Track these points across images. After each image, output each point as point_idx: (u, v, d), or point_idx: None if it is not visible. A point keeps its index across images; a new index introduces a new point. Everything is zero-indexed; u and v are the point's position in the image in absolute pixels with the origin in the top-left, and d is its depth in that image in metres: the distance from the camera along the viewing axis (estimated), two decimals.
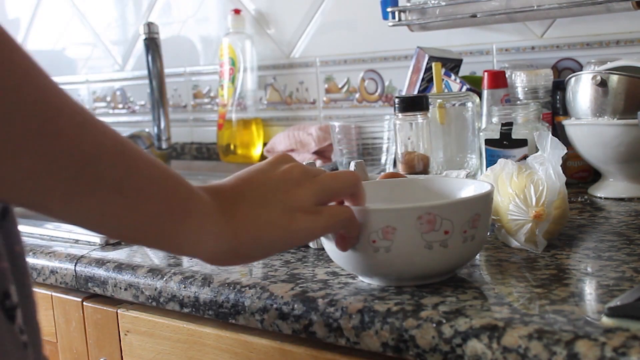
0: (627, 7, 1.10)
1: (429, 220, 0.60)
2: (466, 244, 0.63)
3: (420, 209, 0.61)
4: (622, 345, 0.48)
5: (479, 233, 0.64)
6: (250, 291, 0.68)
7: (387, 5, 1.33)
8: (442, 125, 1.07)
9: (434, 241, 0.61)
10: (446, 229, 0.61)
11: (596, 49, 1.23)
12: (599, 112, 0.98)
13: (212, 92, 1.81)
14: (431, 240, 0.61)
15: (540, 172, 0.74)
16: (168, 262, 0.80)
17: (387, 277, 0.65)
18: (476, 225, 0.63)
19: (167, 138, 1.59)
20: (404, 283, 0.65)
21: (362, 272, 0.66)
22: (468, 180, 0.73)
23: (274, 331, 0.66)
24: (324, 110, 1.61)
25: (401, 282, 0.65)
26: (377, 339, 0.59)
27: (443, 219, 0.61)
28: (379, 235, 0.61)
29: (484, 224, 0.64)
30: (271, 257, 0.78)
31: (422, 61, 1.26)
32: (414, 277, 0.64)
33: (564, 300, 0.58)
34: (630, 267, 0.65)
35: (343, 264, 0.66)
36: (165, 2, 1.83)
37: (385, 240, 0.61)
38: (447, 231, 0.61)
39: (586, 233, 0.81)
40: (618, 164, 0.98)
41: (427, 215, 0.60)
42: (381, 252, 0.62)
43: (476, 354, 0.53)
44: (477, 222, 0.63)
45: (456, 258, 0.63)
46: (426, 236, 0.61)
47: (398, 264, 0.62)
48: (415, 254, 0.62)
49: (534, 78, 1.13)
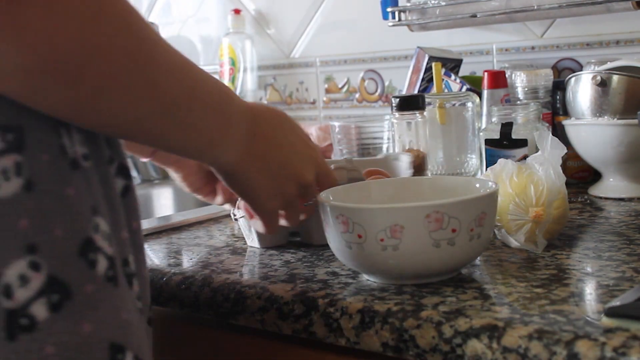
0: (627, 7, 1.10)
1: (436, 219, 0.61)
2: (473, 242, 0.63)
3: (428, 207, 0.61)
4: (622, 345, 0.48)
5: (485, 231, 0.64)
6: (250, 291, 0.68)
7: (387, 5, 1.33)
8: (442, 125, 1.08)
9: (442, 239, 0.61)
10: (453, 227, 0.61)
11: (596, 49, 1.23)
12: (599, 112, 0.98)
13: None
14: (439, 239, 0.61)
15: (540, 172, 0.74)
16: (168, 262, 0.80)
17: (394, 276, 0.65)
18: (482, 224, 0.63)
19: None
20: (411, 281, 0.65)
21: (368, 270, 0.66)
22: (473, 178, 0.73)
23: (274, 331, 0.66)
24: (324, 110, 1.61)
25: (408, 280, 0.65)
26: (377, 339, 0.59)
27: (450, 217, 0.61)
28: (387, 233, 0.61)
29: (489, 223, 0.64)
30: (271, 257, 0.78)
31: (422, 61, 1.26)
32: (421, 275, 0.64)
33: (564, 300, 0.58)
34: (630, 267, 0.65)
35: (348, 262, 0.66)
36: (165, 2, 1.83)
37: (393, 239, 0.61)
38: (454, 229, 0.61)
39: (586, 233, 0.81)
40: (618, 164, 0.98)
41: (435, 214, 0.61)
42: (389, 250, 0.62)
43: (476, 354, 0.53)
44: (483, 221, 0.63)
45: (463, 256, 0.64)
46: (434, 234, 0.61)
47: (406, 262, 0.63)
48: (423, 252, 0.62)
49: (534, 78, 1.13)
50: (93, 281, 0.49)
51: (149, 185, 1.55)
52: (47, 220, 0.47)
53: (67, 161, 0.49)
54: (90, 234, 0.50)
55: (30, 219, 0.47)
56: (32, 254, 0.46)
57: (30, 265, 0.46)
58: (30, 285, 0.46)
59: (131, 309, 0.53)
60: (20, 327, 0.45)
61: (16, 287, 0.46)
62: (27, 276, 0.46)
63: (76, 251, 0.48)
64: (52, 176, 0.48)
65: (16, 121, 0.47)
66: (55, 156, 0.49)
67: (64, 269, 0.48)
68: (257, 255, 0.80)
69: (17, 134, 0.47)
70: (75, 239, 0.49)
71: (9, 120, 0.47)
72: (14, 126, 0.47)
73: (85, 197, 0.50)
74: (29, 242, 0.46)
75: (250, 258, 0.80)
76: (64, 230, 0.48)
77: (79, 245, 0.49)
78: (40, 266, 0.47)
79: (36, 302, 0.46)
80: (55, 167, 0.48)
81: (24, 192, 0.47)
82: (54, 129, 0.49)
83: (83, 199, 0.50)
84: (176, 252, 0.86)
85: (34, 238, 0.47)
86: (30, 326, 0.46)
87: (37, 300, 0.46)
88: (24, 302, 0.46)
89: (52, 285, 0.47)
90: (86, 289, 0.49)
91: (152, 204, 1.53)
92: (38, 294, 0.46)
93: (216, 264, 0.78)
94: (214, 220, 1.00)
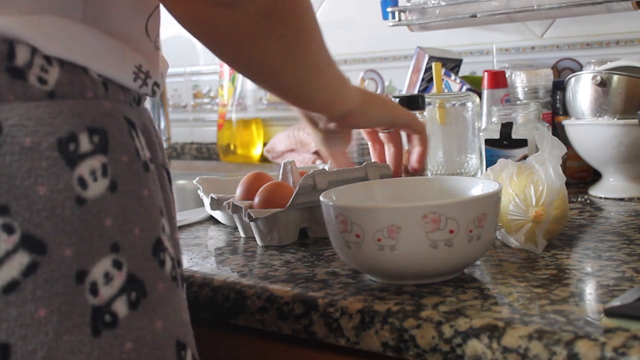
0: (627, 7, 1.10)
1: (433, 220, 0.60)
2: (472, 244, 0.63)
3: (425, 207, 0.61)
4: (622, 345, 0.48)
5: (486, 233, 0.64)
6: (250, 291, 0.68)
7: (387, 5, 1.33)
8: (442, 125, 1.07)
9: (439, 240, 0.61)
10: (451, 228, 0.61)
11: (596, 49, 1.23)
12: (599, 112, 0.98)
13: (212, 92, 1.81)
14: (436, 240, 0.61)
15: (540, 172, 0.74)
16: None
17: (392, 276, 0.65)
18: (482, 225, 0.63)
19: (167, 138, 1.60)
20: (410, 281, 0.65)
21: (367, 269, 0.66)
22: (477, 179, 0.73)
23: (274, 331, 0.66)
24: None
25: (407, 280, 0.65)
26: (377, 339, 0.59)
27: (448, 218, 0.61)
28: (384, 233, 0.61)
29: (490, 224, 0.64)
30: (271, 257, 0.78)
31: (422, 61, 1.26)
32: (419, 275, 0.64)
33: (564, 300, 0.58)
34: (630, 267, 0.65)
35: (348, 261, 0.67)
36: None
37: (390, 239, 0.61)
38: (452, 230, 0.61)
39: (586, 233, 0.81)
40: (618, 164, 0.98)
41: (432, 215, 0.60)
42: (386, 250, 0.62)
43: (476, 354, 0.53)
44: (483, 222, 0.63)
45: (462, 257, 0.63)
46: (431, 235, 0.61)
47: (403, 263, 0.62)
48: (420, 253, 0.62)
49: (534, 78, 1.13)
50: (163, 280, 0.51)
51: None
52: (128, 220, 0.49)
53: (140, 163, 0.52)
54: (159, 234, 0.52)
55: (114, 219, 0.49)
56: (115, 253, 0.48)
57: (114, 263, 0.48)
58: (114, 283, 0.48)
59: (186, 308, 0.55)
60: (104, 323, 0.47)
61: (101, 284, 0.47)
62: (111, 274, 0.48)
63: (150, 250, 0.51)
64: (131, 177, 0.50)
65: (100, 124, 0.49)
66: (133, 158, 0.51)
67: (141, 267, 0.50)
68: (257, 255, 0.81)
69: (102, 136, 0.49)
70: (150, 239, 0.51)
71: (95, 122, 0.49)
72: (99, 128, 0.49)
73: (156, 198, 0.53)
74: (113, 241, 0.48)
75: (250, 258, 0.80)
76: (141, 230, 0.50)
77: (153, 244, 0.51)
78: (122, 264, 0.49)
79: (118, 299, 0.48)
80: (133, 168, 0.51)
81: (109, 193, 0.49)
82: (129, 132, 0.51)
83: (154, 201, 0.52)
84: None
85: (117, 237, 0.49)
86: (112, 322, 0.48)
87: (119, 297, 0.48)
88: (108, 299, 0.48)
89: (131, 283, 0.49)
90: (158, 287, 0.51)
91: None
92: (120, 291, 0.48)
93: (216, 264, 0.78)
94: (214, 220, 1.00)
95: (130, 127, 0.52)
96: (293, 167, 0.90)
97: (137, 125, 0.54)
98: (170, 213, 0.58)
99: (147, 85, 0.57)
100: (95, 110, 0.50)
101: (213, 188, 0.99)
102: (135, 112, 0.55)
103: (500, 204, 0.67)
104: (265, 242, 0.84)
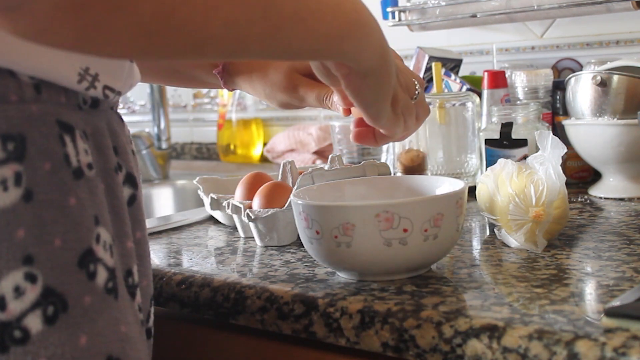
0: (627, 7, 1.10)
1: (386, 218, 0.62)
2: (428, 243, 0.64)
3: (378, 206, 0.62)
4: (622, 345, 0.48)
5: (444, 232, 0.64)
6: (250, 291, 0.68)
7: (387, 5, 1.33)
8: (442, 125, 1.08)
9: (393, 239, 0.62)
10: (405, 227, 0.62)
11: (596, 49, 1.23)
12: (599, 112, 0.98)
13: (212, 92, 1.81)
14: (390, 238, 0.62)
15: (540, 172, 0.74)
16: (168, 262, 0.80)
17: (351, 272, 0.67)
18: (439, 225, 0.63)
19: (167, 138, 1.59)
20: (369, 278, 0.66)
21: (329, 265, 0.68)
22: (447, 178, 0.74)
23: (274, 331, 0.66)
24: (324, 110, 1.60)
25: (366, 277, 0.66)
26: (377, 339, 0.59)
27: (401, 217, 0.62)
28: (340, 230, 0.63)
29: (449, 224, 0.65)
30: (271, 257, 0.78)
31: (422, 61, 1.26)
32: (377, 272, 0.66)
33: (564, 300, 0.58)
34: (630, 267, 0.65)
35: (313, 255, 0.68)
36: None
37: (345, 236, 0.63)
38: (406, 229, 0.62)
39: (586, 233, 0.81)
40: (618, 164, 0.98)
41: (385, 213, 0.62)
42: (343, 247, 0.64)
43: (476, 354, 0.53)
44: (440, 222, 0.63)
45: (417, 256, 0.65)
46: (384, 233, 0.62)
47: (359, 260, 0.64)
48: (374, 250, 0.63)
49: (534, 78, 1.13)
50: (92, 293, 0.49)
51: (149, 185, 1.55)
52: (46, 230, 0.47)
53: (70, 170, 0.49)
54: (91, 244, 0.49)
55: (27, 229, 0.46)
56: (28, 265, 0.46)
57: (26, 276, 0.46)
58: (25, 297, 0.46)
59: (132, 321, 0.52)
60: (13, 339, 0.45)
61: (10, 299, 0.45)
62: (22, 287, 0.45)
63: (76, 262, 0.48)
64: (53, 186, 0.48)
65: (18, 130, 0.47)
66: (58, 165, 0.48)
67: (62, 280, 0.47)
68: (257, 255, 0.81)
69: (18, 143, 0.47)
70: (75, 250, 0.48)
71: (11, 128, 0.47)
72: (16, 135, 0.47)
73: (88, 206, 0.50)
74: (26, 252, 0.46)
75: (250, 258, 0.80)
76: (64, 240, 0.48)
77: (79, 256, 0.48)
78: (37, 277, 0.46)
79: (30, 314, 0.46)
80: (57, 176, 0.48)
81: (23, 202, 0.46)
82: (59, 137, 0.49)
83: (85, 209, 0.49)
84: (176, 252, 0.86)
85: (31, 249, 0.46)
86: (23, 339, 0.45)
87: (32, 312, 0.46)
88: (18, 315, 0.45)
89: (47, 296, 0.46)
90: (84, 300, 0.48)
91: (152, 204, 1.53)
92: (33, 305, 0.46)
93: (216, 264, 0.78)
94: (214, 220, 1.00)
95: (63, 131, 0.49)
96: (292, 167, 0.90)
97: (79, 128, 0.51)
98: (119, 220, 0.54)
99: (95, 88, 0.53)
100: (16, 115, 0.47)
101: (213, 188, 0.99)
102: (82, 115, 0.52)
103: (465, 204, 0.67)
104: (265, 242, 0.84)
